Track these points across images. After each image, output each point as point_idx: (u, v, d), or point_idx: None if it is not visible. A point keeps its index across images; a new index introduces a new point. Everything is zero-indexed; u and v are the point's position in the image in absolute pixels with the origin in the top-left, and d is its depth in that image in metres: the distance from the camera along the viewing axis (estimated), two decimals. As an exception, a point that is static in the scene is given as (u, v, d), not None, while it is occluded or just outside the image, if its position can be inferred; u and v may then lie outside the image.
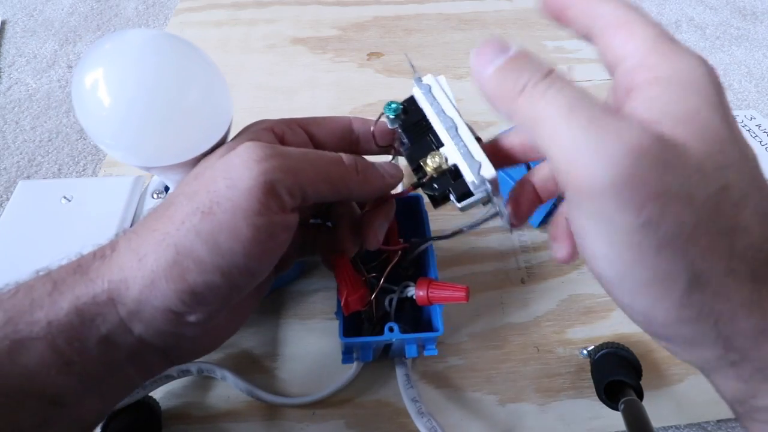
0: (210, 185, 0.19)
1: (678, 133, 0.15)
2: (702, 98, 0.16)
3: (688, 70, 0.16)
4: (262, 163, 0.19)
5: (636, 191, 0.15)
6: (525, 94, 0.17)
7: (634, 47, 0.17)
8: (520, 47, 0.18)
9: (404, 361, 0.32)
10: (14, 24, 0.62)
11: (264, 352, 0.34)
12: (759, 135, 0.54)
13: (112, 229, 0.32)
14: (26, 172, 0.46)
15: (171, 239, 0.19)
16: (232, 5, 0.67)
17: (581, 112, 0.15)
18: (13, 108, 0.51)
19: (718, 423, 0.33)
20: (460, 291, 0.28)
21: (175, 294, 0.19)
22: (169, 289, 0.19)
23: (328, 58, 0.60)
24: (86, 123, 0.22)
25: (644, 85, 0.17)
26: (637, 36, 0.17)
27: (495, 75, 0.18)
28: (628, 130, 0.15)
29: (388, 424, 0.32)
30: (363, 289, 0.27)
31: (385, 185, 0.25)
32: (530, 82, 0.17)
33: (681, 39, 0.69)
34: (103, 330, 0.19)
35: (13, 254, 0.30)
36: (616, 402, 0.29)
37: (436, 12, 0.68)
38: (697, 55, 0.17)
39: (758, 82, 0.61)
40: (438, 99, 0.24)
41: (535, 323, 0.37)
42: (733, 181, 0.15)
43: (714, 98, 0.16)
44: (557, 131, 0.16)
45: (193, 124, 0.23)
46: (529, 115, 0.17)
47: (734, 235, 0.15)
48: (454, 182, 0.23)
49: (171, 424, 0.31)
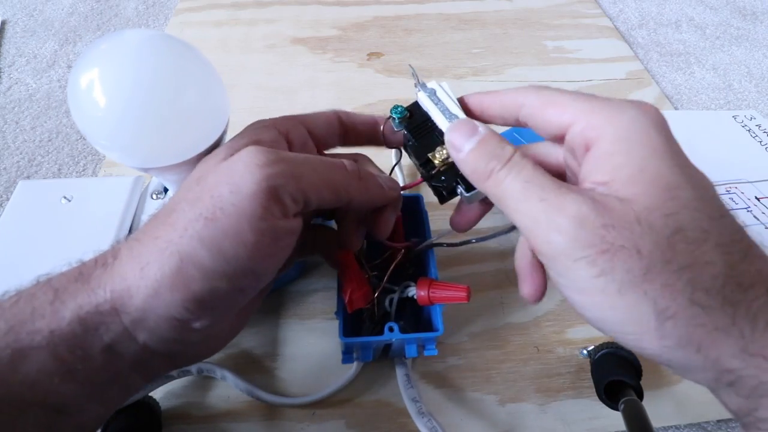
0: (213, 190, 0.19)
1: (628, 191, 0.18)
2: (649, 150, 0.18)
3: (631, 125, 0.19)
4: (265, 169, 0.19)
5: (585, 250, 0.17)
6: (492, 178, 0.20)
7: (572, 115, 0.20)
8: (487, 129, 0.22)
9: (404, 361, 0.32)
10: (14, 24, 0.62)
11: (264, 352, 0.34)
12: (759, 135, 0.54)
13: (112, 229, 0.32)
14: (26, 172, 0.46)
15: (174, 247, 0.18)
16: (232, 5, 0.67)
17: (533, 192, 0.19)
18: (13, 108, 0.51)
19: (718, 423, 0.33)
20: (461, 291, 0.28)
21: (180, 303, 0.19)
22: (173, 298, 0.19)
23: (328, 58, 0.60)
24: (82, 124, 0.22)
25: (599, 143, 0.19)
26: (568, 106, 0.21)
27: (469, 158, 0.21)
28: (571, 203, 0.18)
29: (388, 424, 0.32)
30: (367, 287, 0.27)
31: (384, 195, 0.26)
32: (496, 167, 0.20)
33: (681, 39, 0.69)
34: (107, 339, 0.19)
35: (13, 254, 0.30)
36: (616, 402, 0.28)
37: (436, 12, 0.68)
38: (636, 104, 0.20)
39: (758, 82, 0.61)
40: (443, 100, 0.26)
41: (535, 323, 0.37)
42: (687, 223, 0.17)
43: (661, 146, 0.18)
44: (517, 209, 0.19)
45: (190, 124, 0.23)
46: (497, 195, 0.20)
47: (695, 270, 0.17)
48: (461, 175, 0.24)
49: (171, 424, 0.31)
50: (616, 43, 0.65)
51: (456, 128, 0.22)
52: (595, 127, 0.19)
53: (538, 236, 0.19)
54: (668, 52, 0.65)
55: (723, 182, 0.49)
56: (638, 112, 0.19)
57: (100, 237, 0.31)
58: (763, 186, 0.48)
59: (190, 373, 0.32)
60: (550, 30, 0.66)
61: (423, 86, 0.27)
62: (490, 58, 0.61)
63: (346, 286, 0.27)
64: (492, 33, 0.65)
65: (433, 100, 0.26)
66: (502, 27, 0.67)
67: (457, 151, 0.22)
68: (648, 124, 0.19)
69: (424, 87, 0.27)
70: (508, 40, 0.64)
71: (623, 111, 0.19)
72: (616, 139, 0.19)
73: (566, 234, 0.18)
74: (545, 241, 0.18)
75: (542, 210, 0.18)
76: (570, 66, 0.60)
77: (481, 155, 0.21)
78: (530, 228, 0.19)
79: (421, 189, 0.45)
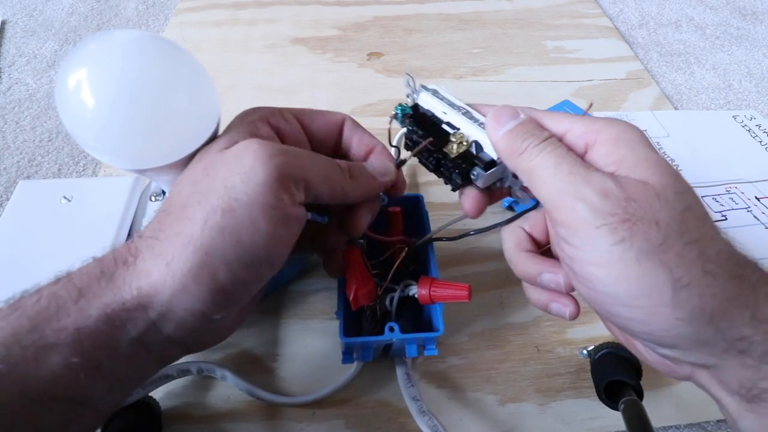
0: (225, 181, 0.20)
1: (639, 174, 0.20)
2: (645, 148, 0.21)
3: (624, 132, 0.21)
4: (274, 158, 0.20)
5: (607, 218, 0.19)
6: (525, 153, 0.22)
7: (570, 122, 0.22)
8: (528, 116, 0.23)
9: (404, 360, 0.32)
10: (14, 24, 0.62)
11: (264, 352, 0.34)
12: (759, 135, 0.54)
13: (112, 228, 0.32)
14: (26, 172, 0.46)
15: (197, 241, 0.19)
16: (232, 5, 0.67)
17: (564, 167, 0.20)
18: (13, 108, 0.51)
19: (717, 423, 0.33)
20: (463, 290, 0.28)
21: (207, 295, 0.20)
22: (200, 291, 0.19)
23: (328, 58, 0.60)
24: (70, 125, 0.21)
25: (597, 144, 0.21)
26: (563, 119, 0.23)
27: (505, 136, 0.23)
28: (597, 177, 0.20)
29: (388, 424, 0.32)
30: (372, 284, 0.27)
31: (377, 185, 0.27)
32: (530, 145, 0.22)
33: (681, 39, 0.69)
34: (134, 333, 0.19)
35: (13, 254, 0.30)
36: (616, 402, 0.28)
37: (436, 12, 0.68)
38: (624, 121, 0.22)
39: (758, 82, 0.61)
40: (446, 96, 0.27)
41: (535, 323, 0.37)
42: (693, 202, 0.19)
43: (652, 149, 0.21)
44: (547, 181, 0.21)
45: (179, 125, 0.22)
46: (527, 169, 0.22)
47: (703, 244, 0.18)
48: (477, 156, 0.25)
49: (171, 424, 0.31)
50: (616, 43, 0.65)
51: (500, 110, 0.24)
52: (594, 130, 0.21)
53: (564, 206, 0.20)
54: (668, 52, 0.65)
55: (723, 182, 0.49)
56: (626, 125, 0.22)
57: (100, 237, 0.31)
58: (763, 186, 0.48)
59: (190, 373, 0.32)
60: (550, 30, 0.66)
61: (424, 87, 0.28)
62: (490, 58, 0.61)
63: (351, 282, 0.27)
64: (492, 33, 0.65)
65: (438, 97, 0.27)
66: (502, 27, 0.67)
67: (497, 129, 0.23)
68: (637, 133, 0.21)
69: (426, 88, 0.28)
70: (508, 40, 0.64)
71: (614, 122, 0.22)
72: (616, 137, 0.21)
73: (591, 203, 0.19)
74: (570, 209, 0.20)
75: (571, 182, 0.20)
76: (570, 66, 0.60)
77: (519, 134, 0.22)
78: (555, 199, 0.20)
79: (421, 189, 0.45)
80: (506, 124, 0.23)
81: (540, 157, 0.21)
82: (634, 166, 0.20)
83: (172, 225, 0.20)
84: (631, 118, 0.54)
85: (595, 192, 0.19)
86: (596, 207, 0.19)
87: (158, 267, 0.19)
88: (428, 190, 0.44)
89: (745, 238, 0.44)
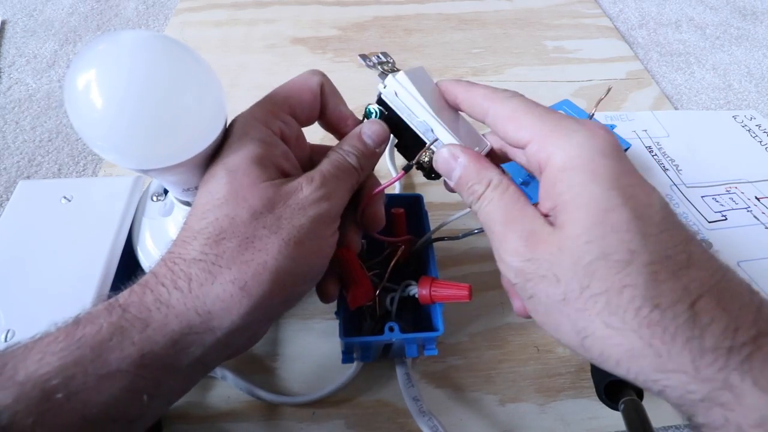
0: (293, 219, 0.22)
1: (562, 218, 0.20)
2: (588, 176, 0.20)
3: (575, 152, 0.20)
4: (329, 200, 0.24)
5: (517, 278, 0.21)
6: (474, 204, 0.23)
7: (529, 134, 0.22)
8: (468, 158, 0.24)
9: (404, 360, 0.32)
10: (14, 24, 0.62)
11: (264, 352, 0.34)
12: (759, 135, 0.54)
13: (112, 229, 0.32)
14: (26, 172, 0.46)
15: (272, 268, 0.21)
16: (232, 5, 0.67)
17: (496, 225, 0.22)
18: (13, 108, 0.51)
19: (718, 423, 0.33)
20: (463, 290, 0.28)
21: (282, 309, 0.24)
22: (273, 303, 0.22)
23: (328, 58, 0.60)
24: (78, 125, 0.21)
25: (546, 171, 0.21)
26: (527, 125, 0.22)
27: (457, 186, 0.24)
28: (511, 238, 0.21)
29: (388, 424, 0.32)
30: (369, 284, 0.27)
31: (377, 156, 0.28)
32: (477, 192, 0.23)
33: (681, 39, 0.69)
34: (198, 353, 0.21)
35: (13, 254, 0.30)
36: (616, 402, 0.28)
37: (436, 12, 0.69)
38: (586, 128, 0.21)
39: (758, 82, 0.61)
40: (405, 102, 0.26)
41: (535, 323, 0.36)
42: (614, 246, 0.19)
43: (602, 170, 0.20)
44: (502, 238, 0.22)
45: (187, 125, 0.22)
46: (480, 219, 0.23)
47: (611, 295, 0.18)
48: None
49: (171, 424, 0.31)
50: (616, 43, 0.65)
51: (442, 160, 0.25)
52: (546, 150, 0.21)
53: (498, 260, 0.22)
54: (668, 52, 0.65)
55: (723, 182, 0.49)
56: (585, 137, 0.21)
57: (100, 237, 0.31)
58: (763, 186, 0.48)
59: (190, 373, 0.32)
60: (550, 30, 0.66)
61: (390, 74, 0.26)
62: (490, 58, 0.61)
63: (348, 283, 0.27)
64: (492, 33, 0.65)
65: (396, 104, 0.26)
66: (502, 27, 0.67)
67: (450, 179, 0.25)
68: (593, 149, 0.20)
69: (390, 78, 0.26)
70: (508, 40, 0.64)
71: (571, 137, 0.21)
72: (561, 167, 0.21)
73: (507, 262, 0.21)
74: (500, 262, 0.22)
75: (499, 240, 0.22)
76: (570, 66, 0.60)
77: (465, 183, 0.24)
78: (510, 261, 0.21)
79: (421, 189, 0.45)
80: (453, 170, 0.24)
81: (487, 211, 0.23)
82: (564, 205, 0.20)
83: (236, 253, 0.21)
84: (631, 118, 0.54)
85: (509, 252, 0.21)
86: (512, 267, 0.21)
87: (230, 291, 0.21)
88: (428, 191, 0.44)
89: (745, 238, 0.44)
